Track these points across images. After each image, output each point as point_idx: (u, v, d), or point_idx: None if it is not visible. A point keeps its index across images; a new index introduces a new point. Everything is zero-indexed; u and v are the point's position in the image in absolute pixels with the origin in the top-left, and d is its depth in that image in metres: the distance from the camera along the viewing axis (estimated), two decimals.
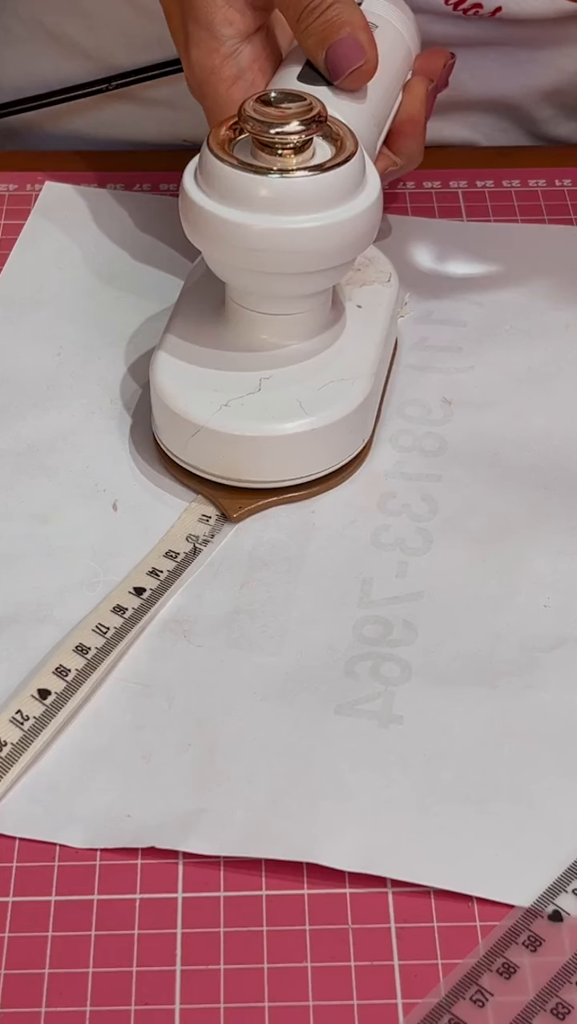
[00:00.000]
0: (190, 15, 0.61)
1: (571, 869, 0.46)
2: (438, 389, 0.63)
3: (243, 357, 0.57)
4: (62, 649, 0.51)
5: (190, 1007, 0.43)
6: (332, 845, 0.46)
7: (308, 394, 0.56)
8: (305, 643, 0.52)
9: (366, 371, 0.57)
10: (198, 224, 0.55)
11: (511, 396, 0.63)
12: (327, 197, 0.53)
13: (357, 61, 0.58)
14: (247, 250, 0.54)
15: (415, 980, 0.43)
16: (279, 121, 0.53)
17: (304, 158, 0.54)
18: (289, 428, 0.55)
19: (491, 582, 0.55)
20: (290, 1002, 0.43)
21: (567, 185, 0.74)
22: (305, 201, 0.53)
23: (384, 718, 0.50)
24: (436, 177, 0.74)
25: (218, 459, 0.56)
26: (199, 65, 0.61)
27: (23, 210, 0.72)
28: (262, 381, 0.56)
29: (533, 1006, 0.43)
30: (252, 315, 0.57)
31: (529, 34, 0.73)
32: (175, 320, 0.59)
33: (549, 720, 0.50)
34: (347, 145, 0.55)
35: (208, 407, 0.55)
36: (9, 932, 0.45)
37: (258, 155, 0.54)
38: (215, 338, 0.58)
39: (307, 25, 0.59)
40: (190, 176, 0.55)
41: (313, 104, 0.54)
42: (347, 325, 0.59)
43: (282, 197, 0.53)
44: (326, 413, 0.56)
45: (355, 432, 0.58)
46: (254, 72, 0.61)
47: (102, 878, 0.46)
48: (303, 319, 0.57)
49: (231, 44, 0.61)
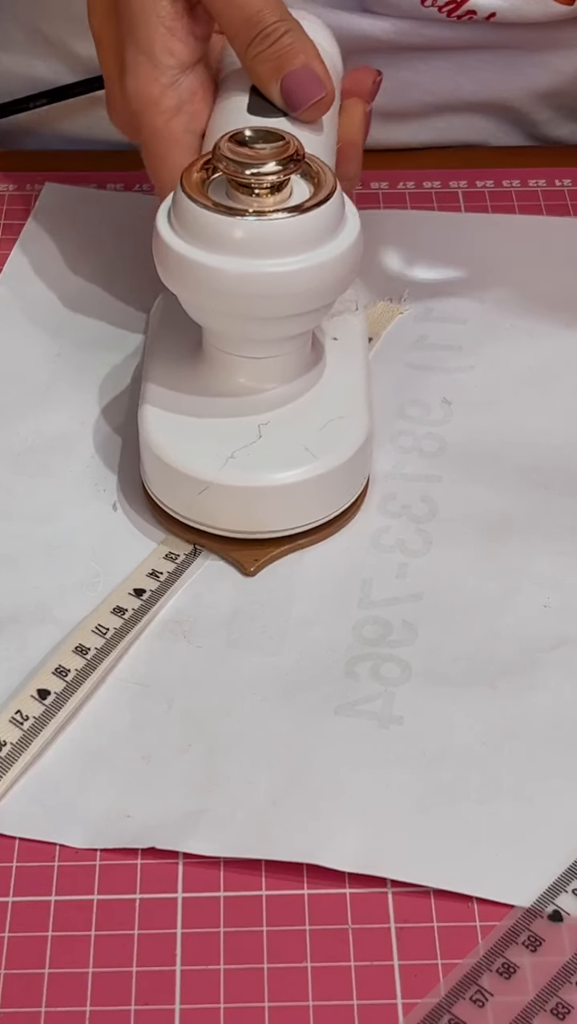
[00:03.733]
0: (129, 41, 0.59)
1: (571, 869, 0.46)
2: (438, 389, 0.63)
3: (233, 404, 0.55)
4: (62, 650, 0.51)
5: (190, 1007, 0.43)
6: (332, 846, 0.46)
7: (311, 437, 0.54)
8: (305, 644, 0.52)
9: (361, 405, 0.56)
10: (172, 268, 0.53)
11: (511, 396, 0.62)
12: (306, 238, 0.51)
13: (317, 93, 0.57)
14: (223, 295, 0.52)
15: (415, 980, 0.43)
16: (255, 161, 0.51)
17: (281, 198, 0.52)
18: (301, 474, 0.54)
19: (491, 583, 0.55)
20: (290, 1002, 0.43)
21: (567, 185, 0.74)
22: (283, 243, 0.51)
23: (384, 718, 0.50)
24: (436, 177, 0.74)
25: (230, 514, 0.54)
26: (136, 95, 0.58)
27: (23, 210, 0.72)
28: (261, 428, 0.54)
29: (533, 1006, 0.43)
30: (233, 359, 0.55)
31: (524, 37, 0.73)
32: (152, 368, 0.57)
33: (549, 720, 0.50)
34: (325, 183, 0.53)
35: (214, 462, 0.53)
36: (9, 932, 0.45)
37: (234, 196, 0.52)
38: (197, 385, 0.56)
39: (259, 52, 0.57)
40: (163, 218, 0.53)
41: (291, 143, 0.52)
42: (328, 360, 0.57)
43: (259, 239, 0.51)
44: (335, 454, 0.54)
45: (364, 466, 0.57)
46: (195, 104, 0.59)
47: (102, 878, 0.46)
48: (286, 361, 0.56)
49: (172, 74, 0.58)
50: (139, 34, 0.58)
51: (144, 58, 0.58)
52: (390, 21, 0.71)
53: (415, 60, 0.74)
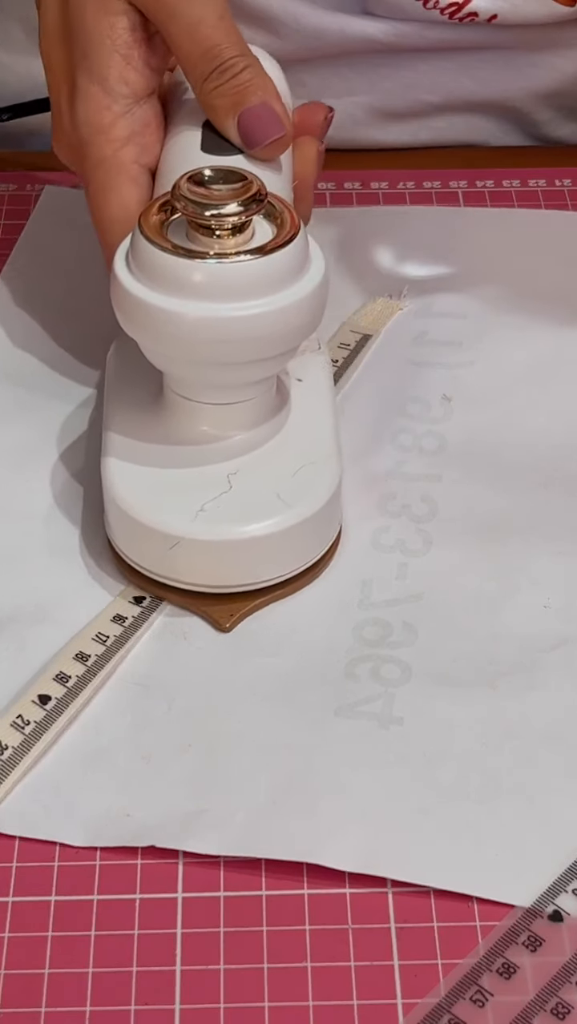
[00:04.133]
0: (82, 67, 0.57)
1: (571, 869, 0.46)
2: (438, 385, 0.63)
3: (199, 453, 0.53)
4: (62, 656, 0.51)
5: (190, 1007, 0.43)
6: (332, 846, 0.46)
7: (283, 484, 0.52)
8: (305, 645, 0.52)
9: (331, 449, 0.54)
10: (131, 313, 0.51)
11: (512, 392, 0.62)
12: (269, 281, 0.50)
13: (276, 132, 0.55)
14: (184, 340, 0.50)
15: (415, 980, 0.43)
16: (216, 202, 0.49)
17: (243, 240, 0.50)
18: (275, 524, 0.52)
19: (491, 583, 0.55)
20: (290, 1002, 0.43)
21: (567, 185, 0.74)
22: (245, 287, 0.49)
23: (384, 719, 0.50)
24: (436, 177, 0.74)
25: (202, 569, 0.52)
26: (87, 122, 0.57)
27: (23, 210, 0.72)
28: (230, 477, 0.52)
29: (533, 1006, 0.43)
30: (196, 406, 0.53)
31: (526, 38, 0.73)
32: (112, 416, 0.55)
33: (549, 720, 0.50)
34: (288, 223, 0.51)
35: (183, 515, 0.51)
36: (9, 932, 0.45)
37: (194, 238, 0.50)
38: (160, 433, 0.54)
39: (216, 86, 0.55)
40: (121, 261, 0.51)
41: (252, 182, 0.50)
42: (294, 402, 0.55)
43: (220, 283, 0.49)
44: (309, 501, 0.52)
45: (336, 514, 0.55)
46: (147, 136, 0.57)
47: (102, 878, 0.46)
48: (252, 406, 0.53)
49: (125, 103, 0.57)
50: (93, 61, 0.57)
51: (97, 87, 0.56)
52: (392, 23, 0.71)
53: (416, 60, 0.74)
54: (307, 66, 0.74)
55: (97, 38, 0.56)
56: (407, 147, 0.77)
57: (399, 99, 0.75)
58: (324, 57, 0.74)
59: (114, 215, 0.56)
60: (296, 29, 0.72)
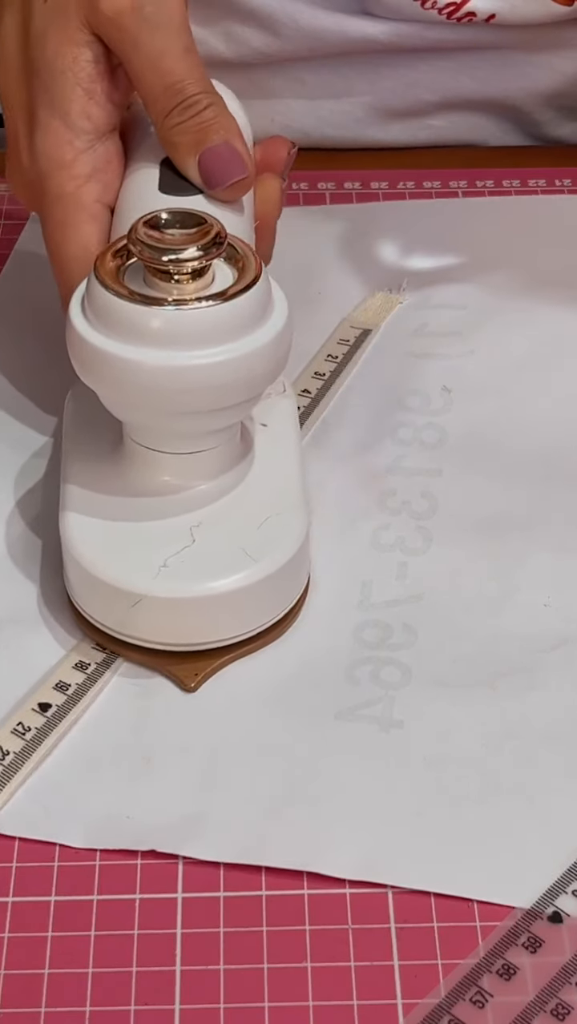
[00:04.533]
0: (42, 101, 0.55)
1: (571, 870, 0.46)
2: (438, 377, 0.63)
3: (160, 504, 0.51)
4: (62, 666, 0.51)
5: (190, 1007, 0.43)
6: (332, 851, 0.46)
7: (248, 538, 0.51)
8: (305, 647, 0.52)
9: (297, 499, 0.52)
10: (88, 361, 0.49)
11: (512, 382, 0.62)
12: (229, 328, 0.48)
13: (238, 173, 0.54)
14: (143, 389, 0.48)
15: (415, 980, 0.43)
16: (174, 247, 0.48)
17: (203, 285, 0.48)
18: (241, 579, 0.50)
19: (491, 582, 0.55)
20: (290, 1002, 0.43)
21: (567, 185, 0.74)
22: (204, 334, 0.48)
23: (385, 723, 0.50)
24: (436, 177, 0.75)
25: (166, 627, 0.50)
26: (47, 157, 0.55)
27: (23, 210, 0.72)
28: (193, 530, 0.51)
29: (533, 1007, 0.43)
30: (156, 455, 0.51)
31: (525, 38, 0.73)
32: (70, 467, 0.53)
33: (549, 720, 0.50)
34: (250, 267, 0.49)
35: (145, 572, 0.49)
36: (9, 932, 0.45)
37: (152, 283, 0.48)
38: (119, 484, 0.52)
39: (178, 123, 0.54)
40: (76, 308, 0.49)
41: (212, 225, 0.48)
42: (258, 450, 0.54)
43: (179, 330, 0.47)
44: (276, 554, 0.50)
45: (303, 567, 0.53)
46: (108, 174, 0.55)
47: (102, 878, 0.46)
48: (213, 455, 0.52)
49: (87, 139, 0.55)
50: (55, 94, 0.55)
51: (59, 121, 0.55)
52: (390, 23, 0.71)
53: (416, 60, 0.74)
54: (306, 65, 0.74)
55: (59, 70, 0.55)
56: (407, 147, 0.77)
57: (399, 99, 0.76)
58: (323, 57, 0.74)
59: (73, 254, 0.54)
60: (295, 29, 0.72)
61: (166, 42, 0.54)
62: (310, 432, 0.60)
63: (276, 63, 0.74)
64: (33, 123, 0.56)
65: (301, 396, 0.62)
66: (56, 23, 0.55)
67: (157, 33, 0.54)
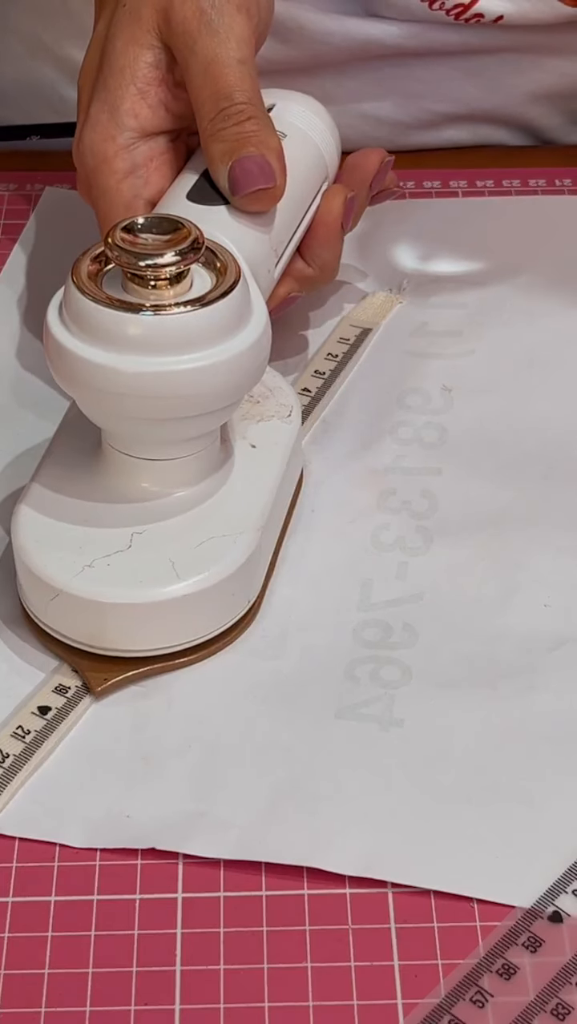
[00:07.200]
0: (100, 94, 0.56)
1: (571, 870, 0.46)
2: (438, 376, 0.63)
3: (116, 509, 0.51)
4: (62, 670, 0.51)
5: (190, 1007, 0.43)
6: (333, 849, 0.46)
7: (183, 553, 0.50)
8: (305, 647, 0.52)
9: (252, 524, 0.51)
10: (64, 367, 0.49)
11: (512, 381, 0.62)
12: (207, 334, 0.48)
13: (262, 183, 0.54)
14: (117, 395, 0.48)
15: (415, 980, 0.43)
16: (151, 252, 0.47)
17: (180, 290, 0.48)
18: (157, 594, 0.49)
19: (491, 582, 0.55)
20: (290, 1002, 0.43)
21: (567, 185, 0.74)
22: (181, 340, 0.47)
23: (385, 721, 0.50)
24: (436, 177, 0.75)
25: (80, 625, 0.50)
26: (91, 150, 0.56)
27: (23, 210, 0.72)
28: (134, 537, 0.50)
29: (533, 1007, 0.43)
30: (129, 460, 0.51)
31: (533, 40, 0.73)
32: (45, 466, 0.53)
33: (549, 720, 0.50)
34: (229, 273, 0.49)
35: (69, 568, 0.49)
36: (9, 932, 0.45)
37: (130, 289, 0.48)
38: (88, 486, 0.52)
39: (219, 129, 0.55)
40: (54, 313, 0.49)
41: (189, 230, 0.48)
42: (237, 469, 0.53)
43: (155, 336, 0.47)
44: (201, 576, 0.49)
45: (237, 594, 0.51)
46: (150, 171, 0.56)
47: (102, 878, 0.46)
48: (186, 464, 0.51)
49: (129, 136, 0.56)
50: (109, 89, 0.56)
51: (107, 116, 0.56)
52: (397, 25, 0.71)
53: (422, 64, 0.74)
54: (314, 72, 0.74)
55: (119, 68, 0.56)
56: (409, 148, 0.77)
57: (405, 105, 0.75)
58: (330, 64, 0.73)
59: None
60: (301, 35, 0.72)
61: (222, 50, 0.55)
62: (310, 431, 0.60)
63: (282, 72, 0.74)
64: (87, 117, 0.57)
65: (301, 395, 0.62)
66: (128, 26, 0.57)
67: (214, 39, 0.55)
